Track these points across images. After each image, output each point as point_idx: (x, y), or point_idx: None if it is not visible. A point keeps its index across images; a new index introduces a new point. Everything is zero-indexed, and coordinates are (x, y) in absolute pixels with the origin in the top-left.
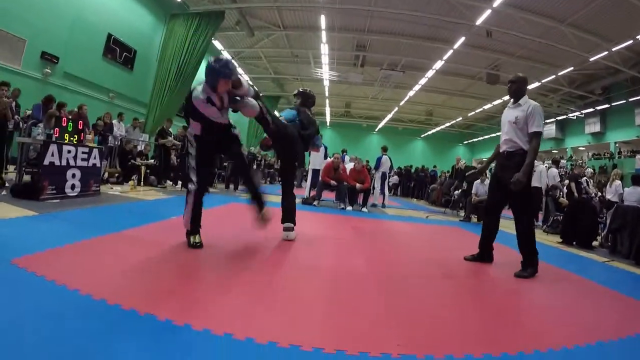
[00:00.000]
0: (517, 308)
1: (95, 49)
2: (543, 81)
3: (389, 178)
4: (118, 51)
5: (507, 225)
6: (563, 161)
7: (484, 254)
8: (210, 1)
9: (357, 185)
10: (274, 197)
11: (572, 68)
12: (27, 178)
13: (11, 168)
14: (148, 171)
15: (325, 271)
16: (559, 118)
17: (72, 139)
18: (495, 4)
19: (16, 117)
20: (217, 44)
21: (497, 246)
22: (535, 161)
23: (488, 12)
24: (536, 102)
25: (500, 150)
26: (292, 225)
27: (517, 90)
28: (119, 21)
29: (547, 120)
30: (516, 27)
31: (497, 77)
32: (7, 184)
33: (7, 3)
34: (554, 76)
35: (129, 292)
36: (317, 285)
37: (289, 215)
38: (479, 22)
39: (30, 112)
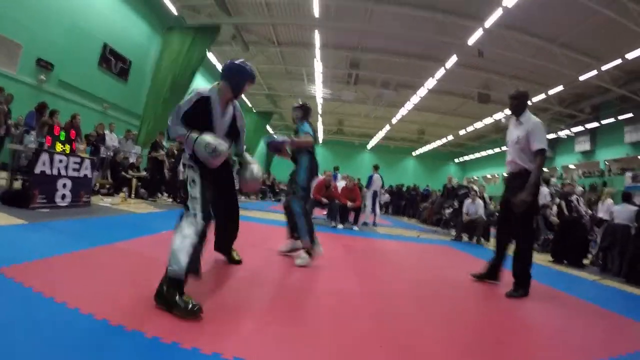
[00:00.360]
0: (508, 328)
1: (90, 58)
2: (534, 100)
3: (380, 196)
4: (113, 61)
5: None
6: (553, 180)
7: (491, 272)
8: (207, 15)
9: (349, 203)
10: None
11: (562, 87)
12: (17, 185)
13: (2, 174)
14: (139, 184)
15: (315, 290)
16: (549, 137)
17: (64, 148)
18: (487, 24)
19: (10, 121)
20: (212, 57)
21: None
22: None
23: (480, 32)
24: (537, 119)
25: (506, 172)
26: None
27: (518, 106)
28: (115, 31)
29: None
30: (507, 47)
31: (488, 97)
32: None
33: (3, 6)
34: (544, 95)
35: (117, 306)
36: (307, 304)
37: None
38: (470, 41)
39: (23, 118)
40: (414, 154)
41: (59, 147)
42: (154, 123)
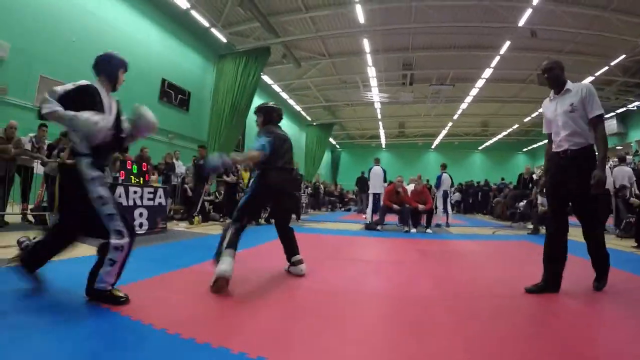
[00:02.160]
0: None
1: (151, 94)
2: (596, 74)
3: (451, 196)
4: (173, 94)
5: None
6: (629, 157)
7: (549, 282)
8: (255, 38)
9: (420, 206)
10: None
11: (624, 56)
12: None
13: None
14: (211, 207)
15: (392, 297)
16: (618, 111)
17: (137, 180)
18: (535, 2)
19: None
20: (266, 78)
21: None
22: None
23: (529, 11)
24: (588, 83)
25: (559, 150)
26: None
27: (557, 78)
28: (171, 66)
29: (607, 115)
30: (559, 22)
31: None
32: None
33: (66, 58)
34: (606, 67)
35: (202, 325)
36: (385, 311)
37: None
38: (521, 22)
39: None
40: (479, 148)
41: (133, 179)
42: (218, 147)
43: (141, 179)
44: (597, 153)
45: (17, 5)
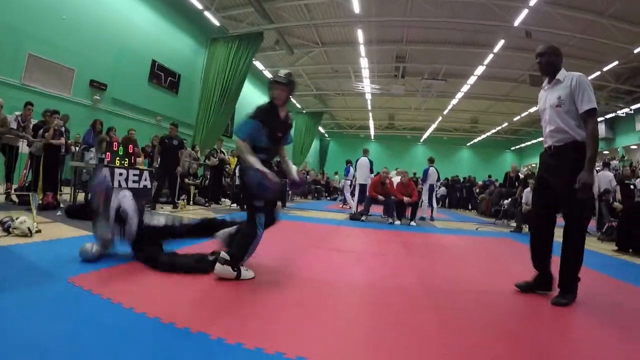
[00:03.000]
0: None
1: (141, 75)
2: (588, 79)
3: (437, 190)
4: (163, 76)
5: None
6: (615, 162)
7: (541, 280)
8: (249, 23)
9: (405, 198)
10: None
11: (616, 62)
12: (80, 199)
13: (65, 190)
14: (197, 191)
15: (375, 288)
16: (607, 116)
17: (123, 162)
18: (531, 3)
19: (70, 141)
20: (257, 64)
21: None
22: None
23: (525, 11)
24: (579, 73)
25: (545, 146)
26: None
27: (549, 64)
28: (162, 48)
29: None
30: (555, 25)
31: (541, 78)
32: (61, 205)
33: (55, 37)
34: (599, 72)
35: (181, 310)
36: (368, 301)
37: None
38: (517, 22)
39: (81, 137)
40: (468, 144)
41: (118, 161)
42: (206, 131)
43: (127, 160)
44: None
45: None
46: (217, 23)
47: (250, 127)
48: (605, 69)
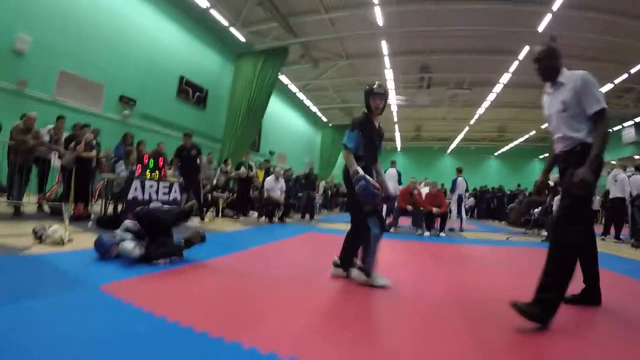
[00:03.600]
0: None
1: (169, 91)
2: (616, 82)
3: (465, 200)
4: (190, 91)
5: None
6: None
7: (589, 292)
8: (274, 38)
9: (434, 209)
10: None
11: None
12: (110, 211)
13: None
14: (225, 203)
15: (404, 298)
16: (637, 120)
17: (153, 175)
18: (554, 7)
19: (101, 154)
20: (283, 78)
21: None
22: (615, 169)
23: (549, 16)
24: (583, 71)
25: (556, 153)
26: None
27: (548, 69)
28: (189, 63)
29: (625, 124)
30: (579, 28)
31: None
32: (93, 216)
33: (86, 54)
34: (626, 75)
35: (214, 319)
36: (400, 312)
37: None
38: (540, 28)
39: (112, 150)
40: (495, 154)
41: (148, 174)
42: (234, 144)
43: (157, 173)
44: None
45: (41, 0)
46: (242, 39)
47: (355, 137)
48: (632, 70)
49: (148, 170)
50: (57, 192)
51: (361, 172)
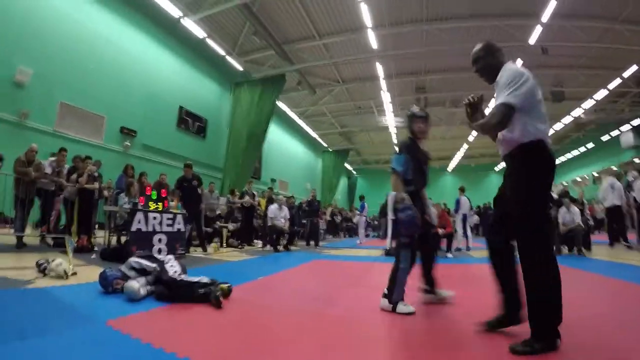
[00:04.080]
0: None
1: (169, 121)
2: (610, 87)
3: (470, 219)
4: (190, 121)
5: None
6: None
7: (509, 313)
8: (270, 66)
9: (440, 230)
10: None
11: (636, 67)
12: (114, 243)
13: (99, 233)
14: (229, 233)
15: (415, 325)
16: (634, 123)
17: (156, 206)
18: (544, 19)
19: (103, 185)
20: (282, 105)
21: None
22: (610, 177)
23: (539, 28)
24: (510, 63)
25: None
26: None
27: (486, 68)
28: (188, 94)
29: (623, 128)
30: (570, 38)
31: (563, 93)
32: (96, 248)
33: (85, 85)
34: (619, 80)
35: (224, 355)
36: (413, 338)
37: None
38: (532, 41)
39: (113, 182)
40: (496, 169)
41: (152, 205)
42: (235, 173)
43: (160, 204)
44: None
45: (40, 31)
46: (240, 67)
47: (403, 161)
48: (625, 75)
49: (151, 202)
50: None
51: (408, 200)
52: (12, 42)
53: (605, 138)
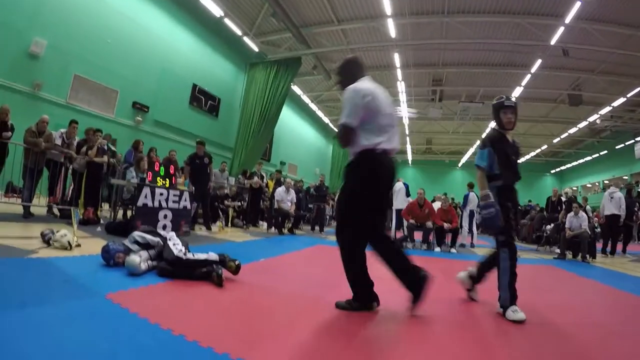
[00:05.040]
0: None
1: (182, 98)
2: (629, 95)
3: (477, 216)
4: (203, 99)
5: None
6: None
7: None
8: (287, 48)
9: (445, 225)
10: None
11: None
12: (119, 217)
13: (105, 206)
14: (235, 213)
15: (412, 317)
16: None
17: (164, 182)
18: (567, 20)
19: (112, 160)
20: (296, 88)
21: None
22: (612, 187)
23: (561, 29)
24: (354, 85)
25: None
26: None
27: (342, 84)
28: (203, 72)
29: (638, 138)
30: (592, 41)
31: (580, 97)
32: (102, 221)
33: (100, 59)
34: (639, 89)
35: (220, 335)
36: (411, 333)
37: None
38: (553, 41)
39: (122, 156)
40: None
41: (159, 181)
42: (245, 154)
43: (167, 181)
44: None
45: (57, 4)
46: (255, 48)
47: (487, 155)
48: None
49: (159, 178)
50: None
51: (492, 197)
52: (28, 14)
53: (619, 146)
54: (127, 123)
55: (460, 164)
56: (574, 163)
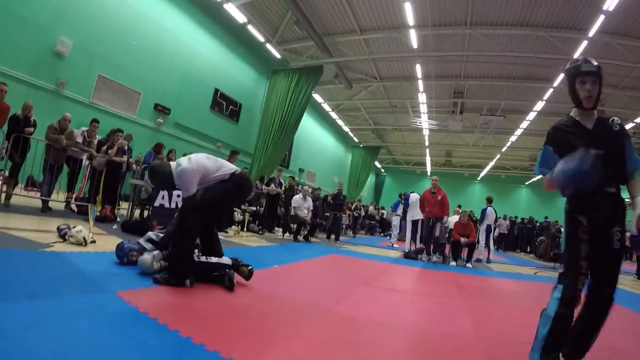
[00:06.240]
0: None
1: (203, 102)
2: None
3: (494, 231)
4: (224, 104)
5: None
6: None
7: None
8: (309, 57)
9: (462, 239)
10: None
11: None
12: (136, 216)
13: (123, 205)
14: (251, 218)
15: (426, 332)
16: None
17: None
18: (590, 34)
19: (131, 159)
20: (317, 96)
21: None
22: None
23: (584, 43)
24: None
25: None
26: None
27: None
28: (225, 77)
29: None
30: (616, 56)
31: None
32: (118, 219)
33: (124, 61)
34: None
35: (227, 339)
36: (418, 347)
37: None
38: (576, 55)
39: (143, 156)
40: (526, 183)
41: None
42: (264, 160)
43: None
44: None
45: (83, 5)
46: (278, 55)
47: (544, 158)
48: None
49: None
50: (85, 190)
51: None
52: (55, 13)
53: None
54: (148, 124)
55: (479, 177)
56: None
